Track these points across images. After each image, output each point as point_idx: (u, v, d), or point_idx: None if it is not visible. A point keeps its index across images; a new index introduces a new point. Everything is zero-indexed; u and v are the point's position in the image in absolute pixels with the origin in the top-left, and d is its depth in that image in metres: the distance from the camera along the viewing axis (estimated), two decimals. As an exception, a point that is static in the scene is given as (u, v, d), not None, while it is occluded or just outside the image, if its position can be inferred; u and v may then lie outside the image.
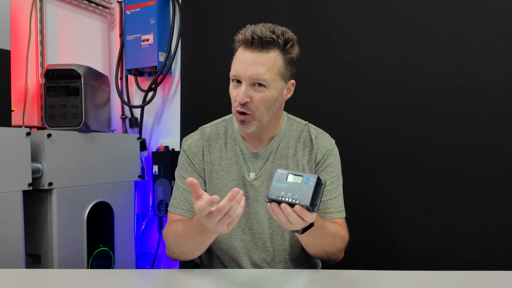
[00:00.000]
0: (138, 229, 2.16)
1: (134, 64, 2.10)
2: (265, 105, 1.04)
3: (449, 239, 1.43)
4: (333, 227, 1.03)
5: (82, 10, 2.11)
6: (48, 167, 1.47)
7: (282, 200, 0.81)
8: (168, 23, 2.10)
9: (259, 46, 1.00)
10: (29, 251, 1.48)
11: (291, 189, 0.82)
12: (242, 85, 1.02)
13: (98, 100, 1.71)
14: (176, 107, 2.11)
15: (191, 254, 1.05)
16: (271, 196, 0.83)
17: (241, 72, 1.01)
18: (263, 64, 1.00)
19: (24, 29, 1.81)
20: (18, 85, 1.77)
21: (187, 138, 1.20)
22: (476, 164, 1.40)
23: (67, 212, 1.53)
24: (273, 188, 0.83)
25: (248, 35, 0.99)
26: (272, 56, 1.01)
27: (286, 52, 1.04)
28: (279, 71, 1.03)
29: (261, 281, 0.96)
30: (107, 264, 1.71)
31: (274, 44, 1.01)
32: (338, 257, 1.08)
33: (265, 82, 1.01)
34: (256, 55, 1.00)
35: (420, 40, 1.48)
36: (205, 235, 0.94)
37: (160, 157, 2.01)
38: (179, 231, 1.02)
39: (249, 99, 1.02)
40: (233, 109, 1.07)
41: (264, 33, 0.99)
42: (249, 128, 1.05)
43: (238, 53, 1.04)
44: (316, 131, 1.18)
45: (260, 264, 1.12)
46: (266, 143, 1.14)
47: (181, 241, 1.02)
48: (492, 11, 1.38)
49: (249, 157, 1.14)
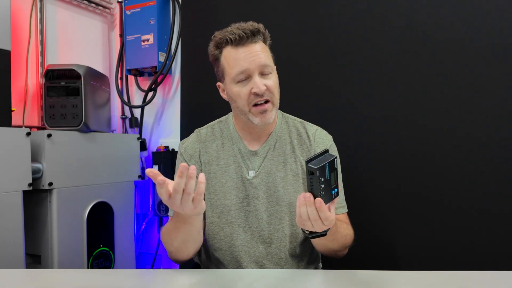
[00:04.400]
0: (138, 229, 2.16)
1: (134, 64, 2.10)
2: (277, 88, 1.09)
3: (449, 239, 1.42)
4: (344, 229, 1.05)
5: (82, 10, 2.11)
6: (48, 167, 1.47)
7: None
8: (168, 23, 2.10)
9: (251, 38, 1.04)
10: (29, 251, 1.48)
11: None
12: (254, 78, 1.04)
13: (98, 100, 1.71)
14: (176, 107, 2.11)
15: (185, 249, 1.04)
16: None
17: (249, 66, 1.03)
18: (262, 52, 1.05)
19: (24, 29, 1.81)
20: (18, 85, 1.77)
21: (184, 141, 1.21)
22: (477, 164, 1.39)
23: (67, 212, 1.53)
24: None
25: (238, 32, 1.03)
26: (262, 45, 1.07)
27: (266, 38, 1.10)
28: (272, 56, 1.11)
29: (261, 281, 0.95)
30: (107, 264, 1.71)
31: (260, 34, 1.07)
32: (345, 252, 1.11)
33: (270, 67, 1.06)
34: (252, 47, 1.05)
35: (422, 40, 1.47)
36: (186, 222, 0.94)
37: (160, 157, 2.02)
38: (169, 227, 1.05)
39: (265, 87, 1.04)
40: (247, 107, 1.06)
41: (249, 27, 1.05)
42: (271, 116, 1.07)
43: (232, 53, 1.05)
44: (313, 128, 1.19)
45: (260, 261, 1.12)
46: (264, 140, 1.15)
47: (171, 236, 1.03)
48: (493, 11, 1.38)
49: (248, 155, 1.14)
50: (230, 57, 1.05)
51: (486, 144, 1.39)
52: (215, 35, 1.09)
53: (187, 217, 0.91)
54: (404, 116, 1.49)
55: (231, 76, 1.05)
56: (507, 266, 1.33)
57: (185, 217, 0.90)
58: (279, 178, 1.13)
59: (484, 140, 1.39)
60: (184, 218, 0.92)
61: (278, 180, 1.12)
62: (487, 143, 1.38)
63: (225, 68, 1.07)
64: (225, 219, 1.12)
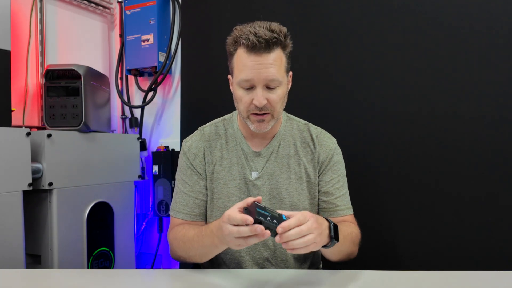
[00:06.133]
0: (138, 229, 2.15)
1: (134, 64, 2.10)
2: (281, 102, 1.05)
3: (450, 239, 1.42)
4: (348, 227, 1.04)
5: (82, 10, 2.11)
6: (48, 167, 1.47)
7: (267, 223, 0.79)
8: (168, 23, 2.10)
9: (266, 48, 0.98)
10: (29, 251, 1.48)
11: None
12: (256, 89, 1.01)
13: (98, 100, 1.71)
14: (176, 107, 2.11)
15: (198, 259, 1.05)
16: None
17: (254, 77, 0.99)
18: (273, 64, 0.99)
19: (24, 29, 1.81)
20: (18, 85, 1.77)
21: (187, 139, 1.19)
22: (480, 165, 1.39)
23: (67, 212, 1.53)
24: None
25: (253, 39, 0.97)
26: (278, 55, 1.01)
27: (286, 47, 1.04)
28: (285, 67, 1.05)
29: (262, 281, 0.95)
30: (107, 264, 1.71)
31: (278, 43, 1.00)
32: (356, 253, 1.09)
33: (278, 82, 1.01)
34: (264, 58, 0.99)
35: (426, 40, 1.47)
36: (215, 245, 0.94)
37: (160, 157, 2.01)
38: (190, 236, 1.02)
39: (266, 101, 1.01)
40: (246, 113, 1.05)
41: (268, 34, 0.98)
42: (267, 127, 1.06)
43: (243, 58, 1.00)
44: (316, 130, 1.18)
45: (262, 263, 1.12)
46: (267, 141, 1.14)
47: (191, 246, 1.02)
48: (493, 11, 1.37)
49: (251, 156, 1.14)
50: (240, 60, 1.01)
51: (491, 145, 1.38)
52: (236, 28, 1.04)
53: (221, 243, 0.91)
54: (407, 117, 1.49)
55: (237, 79, 1.03)
56: (508, 266, 1.33)
57: (221, 241, 0.89)
58: (282, 180, 1.12)
59: (488, 140, 1.38)
60: (218, 241, 0.91)
61: (282, 182, 1.12)
62: (491, 144, 1.37)
63: (234, 68, 1.05)
64: None
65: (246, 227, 0.78)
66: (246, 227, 0.78)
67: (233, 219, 0.80)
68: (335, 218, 1.10)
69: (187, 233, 1.03)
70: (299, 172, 1.13)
